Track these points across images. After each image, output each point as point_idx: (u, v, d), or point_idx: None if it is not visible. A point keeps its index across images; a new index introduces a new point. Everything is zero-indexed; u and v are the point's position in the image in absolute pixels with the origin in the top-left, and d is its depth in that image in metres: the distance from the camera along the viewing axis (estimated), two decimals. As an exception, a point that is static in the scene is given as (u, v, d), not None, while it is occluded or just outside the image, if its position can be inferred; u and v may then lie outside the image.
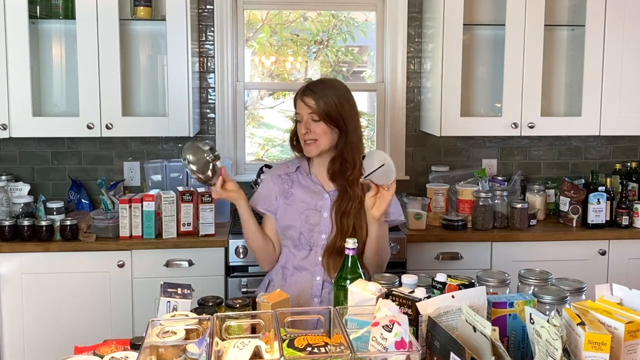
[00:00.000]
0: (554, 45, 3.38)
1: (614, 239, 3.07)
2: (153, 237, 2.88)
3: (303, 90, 2.16)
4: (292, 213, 2.18)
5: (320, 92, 2.13)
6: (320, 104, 2.11)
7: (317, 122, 2.12)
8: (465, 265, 2.97)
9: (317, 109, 2.11)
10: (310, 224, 2.16)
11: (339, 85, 2.21)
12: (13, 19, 2.88)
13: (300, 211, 2.17)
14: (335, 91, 2.15)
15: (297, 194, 2.21)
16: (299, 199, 2.20)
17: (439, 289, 1.64)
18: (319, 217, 2.16)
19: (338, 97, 2.14)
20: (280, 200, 2.22)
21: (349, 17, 3.73)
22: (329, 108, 2.11)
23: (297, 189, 2.22)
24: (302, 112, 2.14)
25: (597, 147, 3.61)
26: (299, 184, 2.22)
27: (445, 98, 3.13)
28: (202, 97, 3.41)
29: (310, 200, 2.18)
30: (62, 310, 2.85)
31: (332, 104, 2.11)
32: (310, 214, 2.16)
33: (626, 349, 1.27)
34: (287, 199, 2.21)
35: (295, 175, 2.25)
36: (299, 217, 2.17)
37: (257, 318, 1.51)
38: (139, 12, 3.07)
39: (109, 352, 1.51)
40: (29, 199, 3.01)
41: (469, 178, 3.32)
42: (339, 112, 2.12)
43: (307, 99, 2.12)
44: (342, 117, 2.12)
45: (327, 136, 2.13)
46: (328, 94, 2.12)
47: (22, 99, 2.94)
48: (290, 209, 2.19)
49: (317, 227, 2.16)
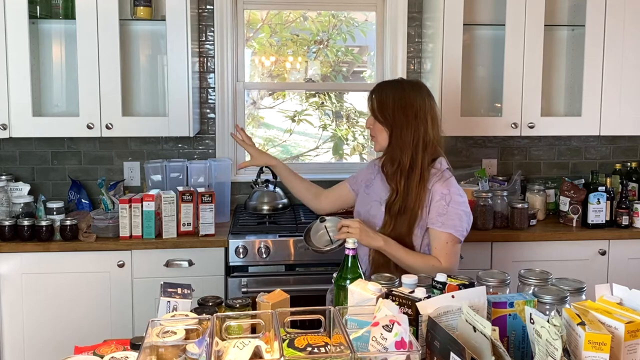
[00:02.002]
0: (554, 45, 3.38)
1: (614, 239, 3.07)
2: (153, 237, 2.88)
3: (371, 91, 2.24)
4: (365, 200, 2.30)
5: (380, 90, 2.20)
6: (374, 102, 2.18)
7: (376, 122, 2.20)
8: (465, 265, 2.95)
9: (374, 108, 2.19)
10: (372, 214, 2.23)
11: (407, 85, 2.21)
12: (13, 19, 2.88)
13: (370, 201, 2.27)
14: (395, 91, 2.17)
15: (375, 186, 2.30)
16: (375, 190, 2.28)
17: (439, 289, 1.64)
18: (379, 210, 2.21)
19: (394, 96, 2.15)
20: (362, 187, 2.38)
21: (349, 17, 3.73)
22: (381, 107, 2.16)
23: (377, 181, 2.30)
24: (369, 111, 2.24)
25: (597, 147, 3.61)
26: (381, 177, 2.27)
27: (445, 98, 3.13)
28: (202, 97, 3.41)
29: (380, 194, 2.24)
30: (62, 310, 2.85)
31: (385, 103, 2.15)
32: (374, 205, 2.24)
33: (626, 349, 1.27)
34: (367, 187, 2.33)
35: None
36: (366, 206, 2.28)
37: (257, 318, 1.51)
38: (139, 12, 3.07)
39: (109, 352, 1.51)
40: (29, 199, 3.02)
41: (469, 178, 3.32)
42: (391, 112, 2.14)
43: (370, 100, 2.21)
44: (392, 116, 2.14)
45: (382, 134, 2.19)
46: (386, 93, 2.17)
47: (22, 99, 2.94)
48: (366, 197, 2.31)
49: (375, 219, 2.21)
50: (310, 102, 3.84)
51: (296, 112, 3.81)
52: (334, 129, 3.82)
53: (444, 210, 2.10)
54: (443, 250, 2.10)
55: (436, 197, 2.12)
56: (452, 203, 2.11)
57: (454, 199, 2.11)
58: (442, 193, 2.11)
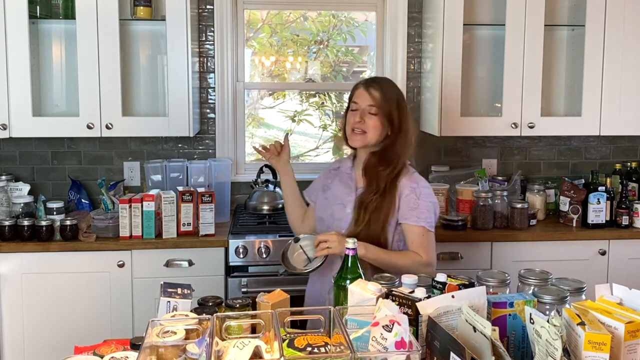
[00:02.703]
0: (554, 45, 3.38)
1: (614, 239, 3.07)
2: (153, 237, 2.88)
3: (369, 81, 2.18)
4: (324, 206, 2.26)
5: (386, 87, 2.16)
6: (385, 98, 2.13)
7: (373, 116, 2.13)
8: (465, 265, 2.97)
9: (380, 102, 2.12)
10: (336, 218, 2.20)
11: (398, 88, 2.23)
12: (13, 19, 2.88)
13: (330, 205, 2.24)
14: (397, 92, 2.18)
15: (333, 189, 2.27)
16: (333, 194, 2.26)
17: (439, 289, 1.64)
18: (343, 212, 2.19)
19: (398, 97, 2.17)
20: (319, 194, 2.32)
21: (349, 17, 3.73)
22: (390, 105, 2.13)
23: (335, 184, 2.28)
24: (361, 102, 2.15)
25: (597, 147, 3.61)
26: (339, 180, 2.27)
27: (445, 98, 3.13)
28: (202, 97, 3.41)
29: (341, 196, 2.22)
30: (62, 310, 2.85)
31: (394, 102, 2.14)
32: (337, 208, 2.21)
33: (626, 349, 1.27)
34: (325, 192, 2.29)
35: (339, 171, 2.31)
36: (327, 211, 2.24)
37: (257, 318, 1.51)
38: (139, 12, 3.07)
39: (109, 352, 1.51)
40: (29, 199, 3.02)
41: (469, 178, 3.32)
42: (398, 112, 2.14)
43: (373, 91, 2.13)
44: (398, 117, 2.14)
45: (377, 131, 2.14)
46: (393, 92, 2.16)
47: (22, 99, 2.94)
48: (325, 202, 2.27)
49: (341, 223, 2.18)
50: (310, 102, 3.84)
51: (296, 112, 3.81)
52: (334, 129, 3.82)
53: (416, 204, 2.12)
54: (421, 243, 2.11)
55: (405, 191, 2.13)
56: (422, 196, 2.14)
57: (423, 192, 2.14)
58: (410, 187, 2.14)
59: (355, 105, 2.16)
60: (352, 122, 2.15)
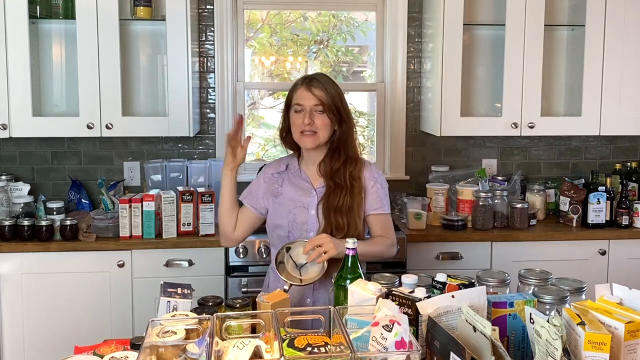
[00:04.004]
0: (554, 45, 3.38)
1: (614, 238, 3.07)
2: (153, 237, 2.88)
3: (308, 80, 2.14)
4: (280, 212, 2.18)
5: (327, 83, 2.14)
6: (329, 95, 2.11)
7: (320, 114, 2.10)
8: (465, 265, 2.97)
9: (325, 100, 2.10)
10: (298, 222, 2.15)
11: (334, 81, 2.22)
12: (13, 19, 2.88)
13: (289, 210, 2.16)
14: (335, 85, 2.17)
15: (286, 193, 2.20)
16: (288, 197, 2.19)
17: (439, 289, 1.64)
18: (307, 215, 2.15)
19: (338, 92, 2.16)
20: (269, 200, 2.21)
21: (349, 17, 3.73)
22: (335, 101, 2.12)
23: (286, 187, 2.21)
24: (305, 102, 2.11)
25: (597, 147, 3.61)
26: (289, 182, 2.21)
27: (445, 98, 3.13)
28: (202, 97, 3.41)
29: (299, 198, 2.17)
30: (62, 310, 2.85)
31: (338, 97, 2.13)
32: (298, 212, 2.15)
33: (626, 349, 1.27)
34: (276, 197, 2.20)
35: (286, 173, 2.24)
36: (286, 216, 2.16)
37: (257, 318, 1.51)
38: (139, 12, 3.07)
39: (109, 352, 1.51)
40: (29, 199, 3.02)
41: (469, 178, 3.32)
42: (343, 106, 2.14)
43: (315, 90, 2.10)
44: (344, 110, 2.15)
45: (327, 130, 2.12)
46: (333, 87, 2.14)
47: (22, 99, 2.94)
48: (280, 207, 2.18)
49: (305, 225, 2.15)
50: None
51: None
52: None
53: (383, 194, 2.19)
54: (388, 227, 2.21)
55: (370, 182, 2.17)
56: (383, 184, 2.22)
57: (383, 180, 2.23)
58: (374, 178, 2.19)
59: (300, 107, 2.12)
60: (300, 124, 2.11)
